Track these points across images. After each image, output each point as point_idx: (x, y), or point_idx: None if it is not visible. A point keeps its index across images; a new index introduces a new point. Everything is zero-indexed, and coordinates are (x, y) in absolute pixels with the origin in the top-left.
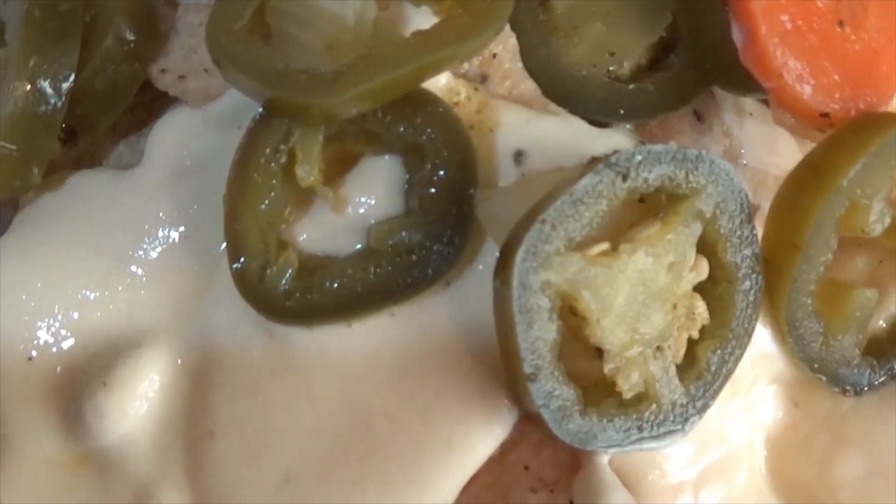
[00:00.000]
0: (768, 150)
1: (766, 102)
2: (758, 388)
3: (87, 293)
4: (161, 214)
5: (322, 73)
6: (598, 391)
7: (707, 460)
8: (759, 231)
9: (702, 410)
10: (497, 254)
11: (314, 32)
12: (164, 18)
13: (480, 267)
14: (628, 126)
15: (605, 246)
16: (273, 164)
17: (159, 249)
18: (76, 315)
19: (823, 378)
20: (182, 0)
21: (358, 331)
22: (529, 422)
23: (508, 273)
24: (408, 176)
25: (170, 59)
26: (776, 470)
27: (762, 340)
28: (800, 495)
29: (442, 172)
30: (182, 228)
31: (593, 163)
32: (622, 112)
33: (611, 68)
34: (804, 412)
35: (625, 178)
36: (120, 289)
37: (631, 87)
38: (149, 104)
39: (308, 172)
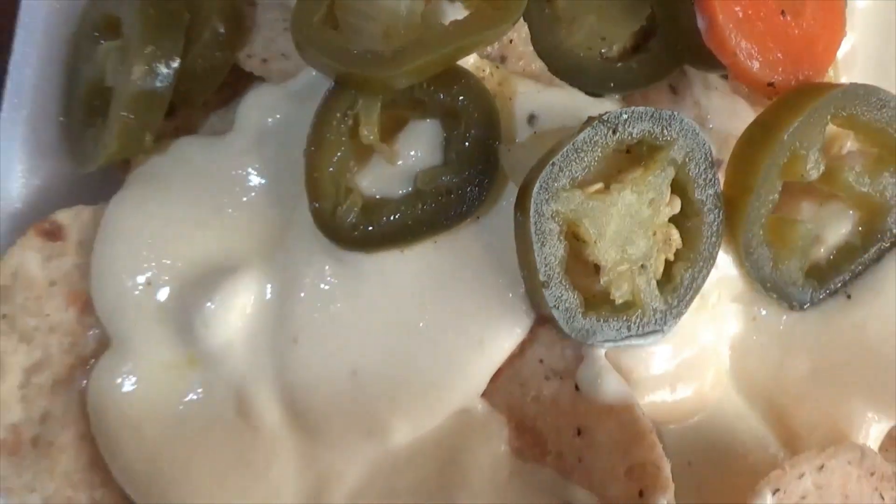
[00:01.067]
0: (729, 115)
1: (726, 78)
2: (722, 305)
3: (192, 233)
4: (249, 170)
5: (382, 53)
6: (595, 300)
7: (681, 358)
8: (722, 179)
9: (677, 316)
10: (516, 193)
11: (374, 23)
12: (248, 15)
13: (504, 204)
14: (617, 97)
15: (600, 185)
16: (342, 126)
17: (248, 197)
18: (183, 251)
19: (775, 296)
20: (259, 1)
21: (408, 255)
22: (542, 324)
23: (526, 205)
24: (445, 134)
25: (253, 47)
26: (738, 371)
27: (725, 265)
28: (757, 391)
29: (473, 131)
30: (266, 180)
31: (590, 121)
32: (612, 85)
33: (602, 51)
34: (760, 325)
35: (614, 131)
36: (218, 229)
37: (619, 65)
38: (233, 84)
39: (369, 132)
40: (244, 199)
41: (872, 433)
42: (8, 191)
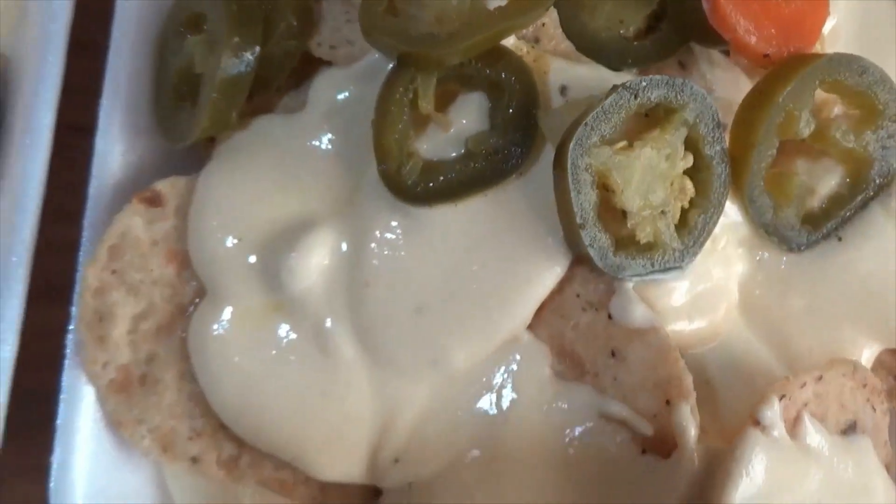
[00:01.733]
0: (730, 85)
1: (726, 53)
2: (730, 248)
3: (274, 196)
4: (322, 140)
5: (438, 35)
6: (623, 241)
7: (697, 292)
8: (727, 139)
9: (692, 255)
10: (552, 153)
11: (429, 10)
12: (315, 9)
13: (542, 161)
14: (634, 70)
15: (624, 143)
16: (404, 100)
17: (321, 163)
18: (267, 211)
19: (775, 240)
20: None
21: (461, 207)
22: (578, 264)
23: (564, 159)
24: (491, 104)
25: (322, 36)
26: (745, 305)
27: (732, 213)
28: (763, 323)
29: (515, 100)
30: (337, 148)
31: (615, 88)
32: (629, 61)
33: (621, 31)
34: (763, 265)
35: (636, 96)
36: (296, 192)
37: (635, 44)
38: (301, 69)
39: (426, 104)
40: (318, 165)
41: (863, 357)
42: (110, 166)
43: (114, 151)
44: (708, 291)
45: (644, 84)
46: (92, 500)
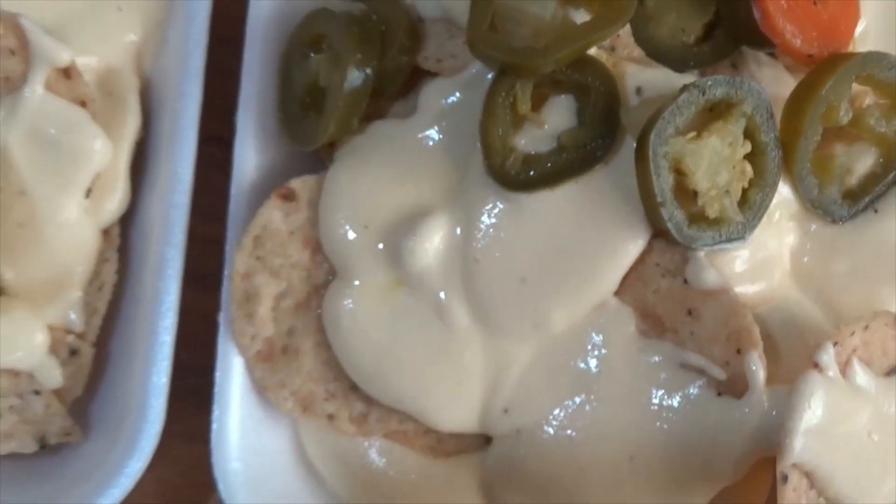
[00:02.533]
0: (775, 82)
1: (772, 55)
2: (783, 222)
3: (393, 189)
4: (433, 139)
5: (535, 47)
6: (695, 217)
7: (755, 260)
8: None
9: (752, 228)
10: (633, 144)
11: (526, 27)
12: (421, 29)
13: (624, 151)
14: (695, 72)
15: (694, 133)
16: (505, 103)
17: (432, 160)
18: (388, 202)
19: (821, 213)
20: (426, 18)
21: (557, 192)
22: (657, 237)
23: (645, 148)
24: (578, 104)
25: (428, 51)
26: (796, 271)
27: (784, 191)
28: (812, 286)
29: (600, 100)
30: (446, 146)
31: (685, 88)
32: (691, 64)
33: (683, 39)
34: (811, 236)
35: (703, 93)
36: (412, 185)
37: (695, 49)
38: (408, 80)
39: (524, 106)
40: (430, 161)
41: None
42: (247, 170)
43: (249, 157)
44: (765, 259)
45: (710, 83)
46: (244, 456)
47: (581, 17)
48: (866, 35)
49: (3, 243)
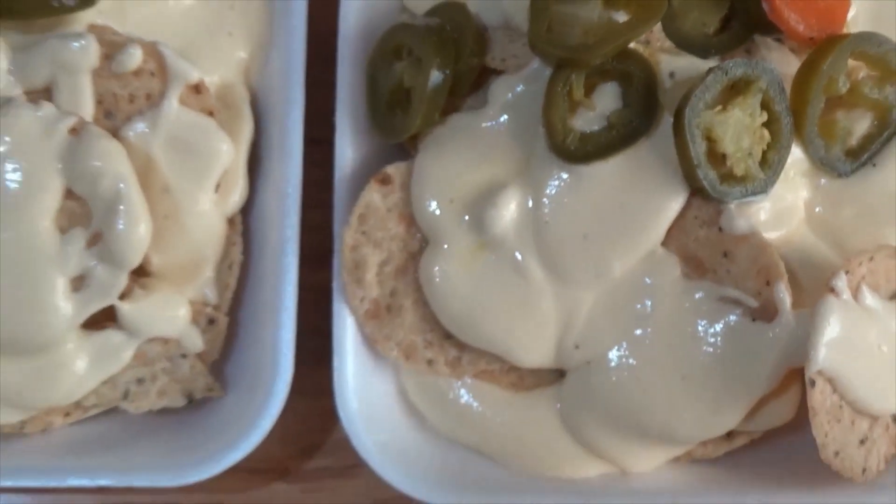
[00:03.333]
0: (783, 62)
1: (779, 40)
2: (797, 178)
3: (472, 169)
4: (503, 126)
5: (587, 44)
6: (725, 176)
7: (776, 210)
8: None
9: (772, 184)
10: (669, 119)
11: (577, 27)
12: (486, 36)
13: (663, 125)
14: (717, 57)
15: (720, 107)
16: (563, 91)
17: (503, 142)
18: (469, 179)
19: (828, 169)
20: (490, 26)
21: (610, 162)
22: (694, 195)
23: (682, 121)
24: (623, 89)
25: (494, 53)
26: (810, 219)
27: (796, 152)
28: (824, 230)
29: (641, 85)
30: (514, 130)
31: (710, 70)
32: (713, 51)
33: (705, 31)
34: (821, 189)
35: (726, 74)
36: (487, 164)
37: (714, 39)
38: (478, 77)
39: (579, 93)
40: (501, 144)
41: None
42: (346, 161)
43: (347, 152)
44: (784, 209)
45: (731, 65)
46: (359, 398)
47: (621, 17)
48: (857, 19)
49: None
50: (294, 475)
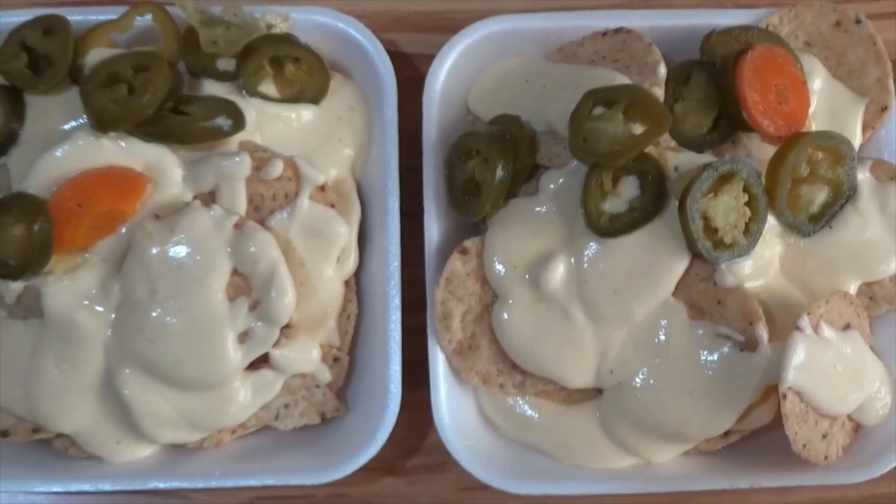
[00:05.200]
0: (762, 151)
1: (759, 136)
2: (772, 239)
3: (529, 241)
4: (551, 208)
5: (614, 151)
6: (717, 244)
7: (757, 266)
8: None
9: (753, 246)
10: (675, 203)
11: (606, 138)
12: (536, 139)
13: (670, 208)
14: (710, 151)
15: (713, 194)
16: (596, 184)
17: (552, 221)
18: (526, 248)
19: (796, 231)
20: (539, 132)
21: (633, 235)
22: (695, 258)
23: (685, 205)
24: (640, 181)
25: (542, 153)
26: (784, 269)
27: (771, 220)
28: (793, 278)
29: (653, 177)
30: (559, 211)
31: (705, 167)
32: (707, 147)
33: (700, 132)
34: (791, 246)
35: (716, 169)
36: (539, 237)
37: (708, 137)
38: (531, 172)
39: (608, 185)
40: (550, 222)
41: (850, 289)
42: (433, 234)
43: (433, 227)
44: (763, 264)
45: (720, 163)
46: (449, 413)
47: (638, 129)
48: (815, 115)
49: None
50: (399, 471)
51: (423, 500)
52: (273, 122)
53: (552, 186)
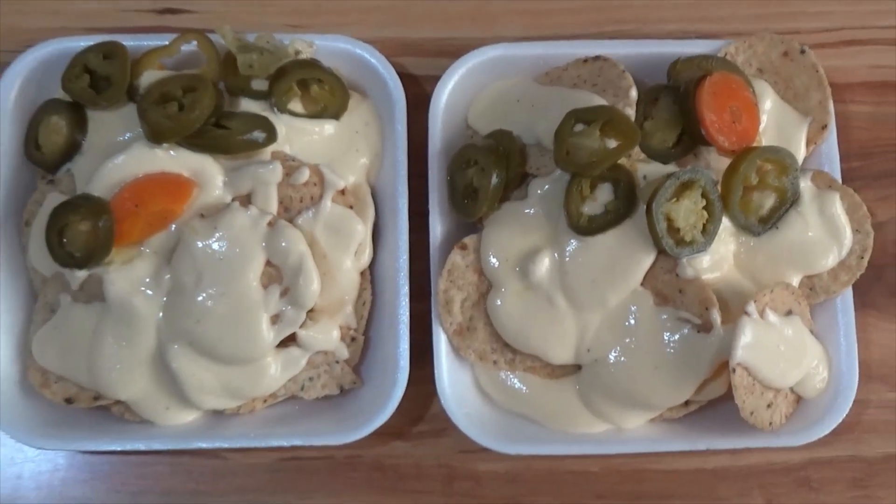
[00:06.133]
0: (718, 162)
1: (716, 150)
2: (726, 237)
3: (520, 237)
4: (538, 210)
5: (592, 162)
6: (679, 241)
7: (713, 260)
8: (720, 189)
9: (710, 243)
10: (644, 206)
11: (584, 151)
12: (525, 151)
13: (640, 211)
14: (674, 163)
15: (675, 199)
16: (577, 190)
17: (539, 222)
18: (517, 244)
19: (747, 231)
20: (528, 144)
21: (608, 234)
22: (660, 253)
23: (651, 209)
24: (613, 187)
25: (531, 164)
26: (737, 263)
27: (726, 221)
28: (745, 271)
29: (626, 185)
30: (546, 213)
31: (668, 176)
32: (671, 159)
33: (665, 145)
34: (742, 243)
35: (678, 179)
36: (529, 234)
37: (672, 150)
38: (521, 179)
39: (586, 191)
40: (538, 223)
41: (794, 281)
42: (437, 232)
43: (437, 226)
44: (718, 259)
45: (681, 173)
46: (451, 385)
47: (612, 143)
48: (765, 132)
49: None
50: (406, 436)
51: (427, 461)
52: (300, 135)
53: (539, 192)
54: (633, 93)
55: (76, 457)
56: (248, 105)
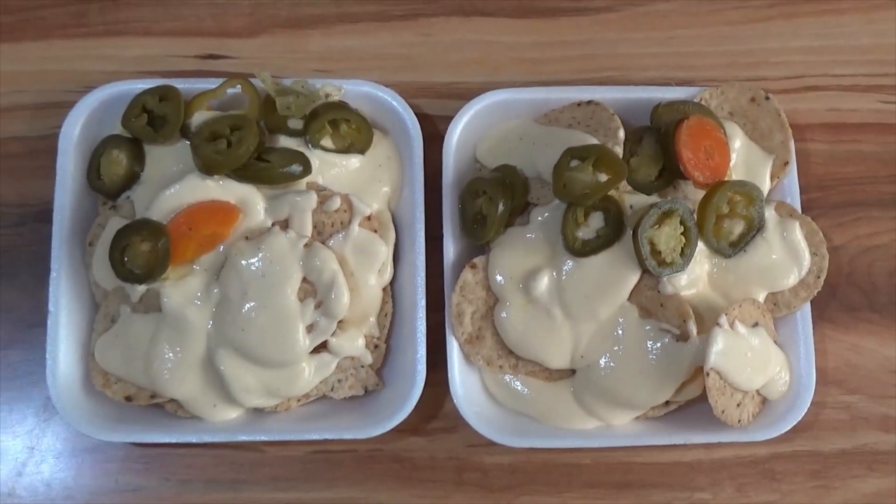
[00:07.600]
0: (695, 193)
1: (692, 183)
2: (701, 259)
3: (523, 257)
4: (540, 234)
5: (584, 193)
6: (661, 262)
7: (689, 279)
8: (696, 217)
9: (687, 264)
10: (630, 231)
11: (579, 184)
12: (528, 184)
13: (626, 236)
14: (656, 194)
15: (657, 226)
16: (572, 218)
17: (540, 244)
18: (521, 263)
19: (720, 254)
20: (530, 177)
21: (600, 256)
22: (644, 272)
23: (637, 235)
24: (604, 215)
25: (532, 194)
26: (710, 282)
27: (701, 245)
28: (717, 289)
29: (615, 213)
30: (545, 236)
31: (651, 206)
32: (654, 191)
33: (649, 179)
34: (715, 264)
35: (660, 208)
36: (531, 255)
37: (654, 183)
38: (524, 208)
39: (581, 219)
40: (537, 245)
41: (760, 297)
42: (450, 253)
43: (451, 247)
44: (695, 277)
45: (662, 203)
46: (462, 387)
47: (603, 177)
48: (735, 168)
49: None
50: (422, 432)
51: (441, 454)
52: (331, 167)
53: (540, 219)
54: (621, 133)
55: (131, 449)
56: (285, 141)
